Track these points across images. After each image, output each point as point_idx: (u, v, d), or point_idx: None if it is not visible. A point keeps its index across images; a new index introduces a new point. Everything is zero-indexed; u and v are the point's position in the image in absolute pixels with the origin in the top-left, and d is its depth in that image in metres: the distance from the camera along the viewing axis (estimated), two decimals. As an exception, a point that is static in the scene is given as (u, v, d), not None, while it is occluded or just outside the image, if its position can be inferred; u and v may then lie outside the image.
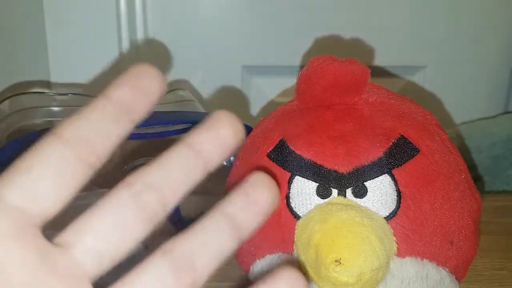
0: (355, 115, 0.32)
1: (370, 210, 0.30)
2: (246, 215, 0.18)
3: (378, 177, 0.30)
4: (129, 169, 0.42)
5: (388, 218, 0.30)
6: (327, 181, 0.30)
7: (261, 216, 0.18)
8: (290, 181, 0.31)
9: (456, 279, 0.32)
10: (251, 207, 0.18)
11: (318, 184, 0.31)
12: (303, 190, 0.31)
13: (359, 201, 0.30)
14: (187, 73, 0.75)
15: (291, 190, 0.31)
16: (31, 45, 0.69)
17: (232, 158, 0.40)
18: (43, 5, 0.69)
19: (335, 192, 0.30)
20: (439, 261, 0.30)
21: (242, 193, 0.18)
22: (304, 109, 0.34)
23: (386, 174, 0.30)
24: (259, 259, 0.33)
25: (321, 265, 0.28)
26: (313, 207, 0.30)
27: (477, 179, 0.65)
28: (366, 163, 0.30)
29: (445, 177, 0.31)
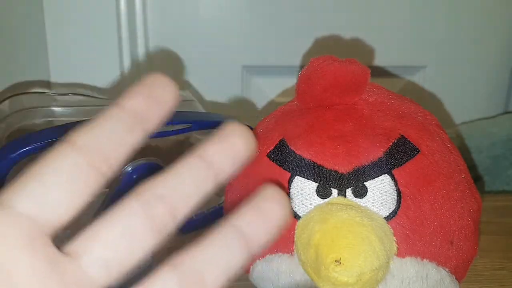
0: (355, 115, 0.32)
1: (370, 210, 0.30)
2: (257, 230, 0.17)
3: (378, 177, 0.30)
4: (129, 169, 0.41)
5: (388, 218, 0.30)
6: (327, 181, 0.30)
7: (273, 231, 0.18)
8: (290, 181, 0.31)
9: (456, 279, 0.32)
10: (263, 222, 0.17)
11: (318, 184, 0.31)
12: (303, 190, 0.31)
13: (359, 201, 0.30)
14: (187, 73, 0.75)
15: (291, 190, 0.31)
16: (31, 45, 0.69)
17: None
18: (43, 5, 0.69)
19: (335, 192, 0.30)
20: (439, 261, 0.30)
21: (253, 207, 0.18)
22: (304, 109, 0.34)
23: (386, 174, 0.30)
24: (259, 259, 0.33)
25: (321, 265, 0.28)
26: (313, 207, 0.30)
27: (477, 179, 0.65)
28: (366, 163, 0.30)
29: (445, 177, 0.31)
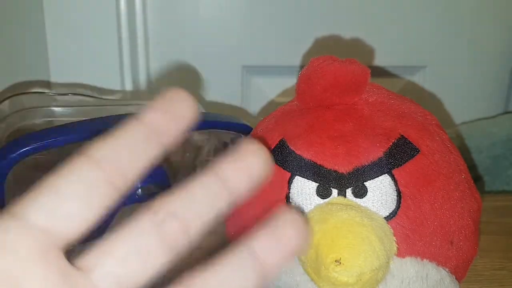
0: (355, 115, 0.32)
1: (370, 210, 0.30)
2: (272, 255, 0.17)
3: (378, 177, 0.30)
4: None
5: (388, 218, 0.30)
6: (327, 181, 0.30)
7: (288, 256, 0.18)
8: (290, 181, 0.31)
9: (456, 279, 0.32)
10: (278, 247, 0.17)
11: (318, 184, 0.31)
12: (303, 190, 0.31)
13: (359, 201, 0.30)
14: (187, 73, 0.75)
15: (291, 190, 0.31)
16: (31, 45, 0.69)
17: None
18: (43, 5, 0.69)
19: (335, 192, 0.30)
20: (439, 261, 0.30)
21: (269, 230, 0.17)
22: (304, 109, 0.34)
23: (386, 174, 0.30)
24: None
25: (321, 265, 0.28)
26: (313, 207, 0.30)
27: (477, 179, 0.65)
28: (366, 163, 0.30)
29: (445, 177, 0.31)
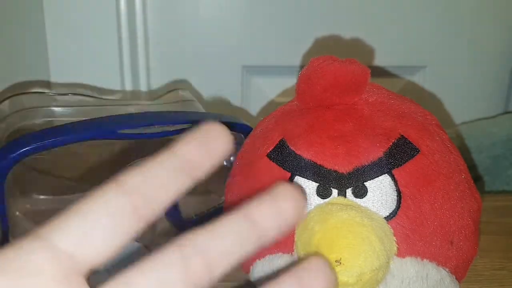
0: (355, 115, 0.32)
1: (370, 210, 0.30)
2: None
3: (378, 177, 0.30)
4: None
5: (388, 218, 0.30)
6: (327, 181, 0.30)
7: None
8: (290, 181, 0.31)
9: (456, 279, 0.32)
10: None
11: (318, 184, 0.31)
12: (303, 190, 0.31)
13: (359, 201, 0.30)
14: (187, 73, 0.75)
15: (291, 190, 0.31)
16: (31, 45, 0.69)
17: (232, 158, 0.39)
18: (43, 5, 0.69)
19: (335, 192, 0.30)
20: (439, 261, 0.30)
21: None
22: (304, 109, 0.34)
23: (386, 174, 0.30)
24: (259, 259, 0.33)
25: (321, 265, 0.28)
26: (313, 207, 0.30)
27: (477, 179, 0.65)
28: (366, 163, 0.30)
29: (445, 177, 0.31)
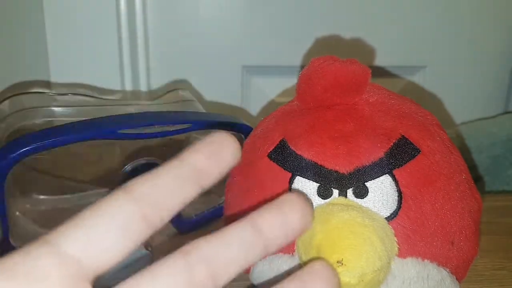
0: (355, 115, 0.32)
1: (371, 210, 0.30)
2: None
3: (379, 177, 0.30)
4: (129, 169, 0.41)
5: (389, 219, 0.29)
6: (328, 181, 0.30)
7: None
8: (290, 182, 0.31)
9: (457, 279, 0.32)
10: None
11: (319, 184, 0.30)
12: (304, 191, 0.31)
13: (360, 201, 0.30)
14: (187, 73, 0.75)
15: (291, 190, 0.31)
16: (31, 45, 0.69)
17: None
18: (43, 5, 0.69)
19: (336, 192, 0.30)
20: (440, 261, 0.30)
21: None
22: (304, 109, 0.34)
23: (387, 175, 0.30)
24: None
25: (322, 265, 0.28)
26: (314, 207, 0.30)
27: (477, 179, 0.65)
28: (367, 164, 0.30)
29: (446, 177, 0.31)
